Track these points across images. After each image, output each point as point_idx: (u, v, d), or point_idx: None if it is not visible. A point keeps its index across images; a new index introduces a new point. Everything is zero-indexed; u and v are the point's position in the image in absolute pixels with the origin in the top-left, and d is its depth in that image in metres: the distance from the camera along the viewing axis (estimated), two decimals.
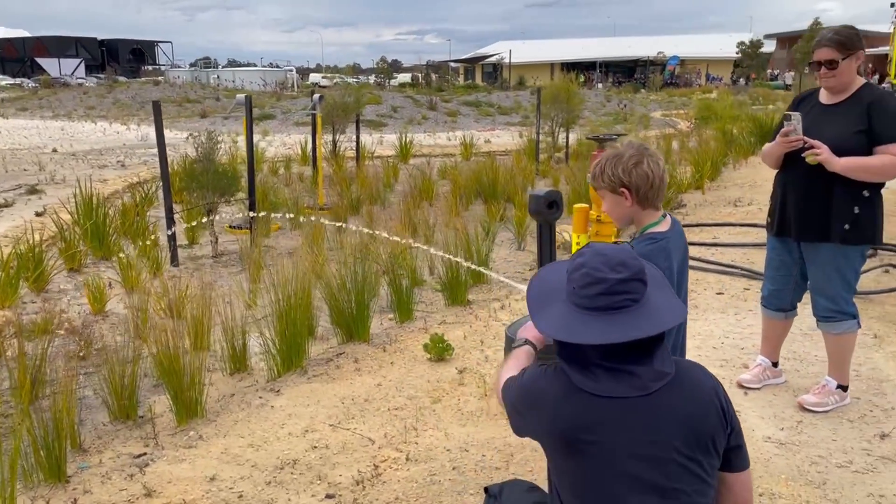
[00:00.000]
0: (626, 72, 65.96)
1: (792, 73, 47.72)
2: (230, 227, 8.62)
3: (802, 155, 3.35)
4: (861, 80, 3.41)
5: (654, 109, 29.81)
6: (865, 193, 3.35)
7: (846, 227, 3.35)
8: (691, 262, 6.20)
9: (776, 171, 3.67)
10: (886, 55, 60.71)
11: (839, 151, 3.29)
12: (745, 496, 1.78)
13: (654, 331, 1.64)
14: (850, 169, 3.28)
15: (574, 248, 3.87)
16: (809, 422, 3.45)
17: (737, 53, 60.77)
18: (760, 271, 5.86)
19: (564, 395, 1.67)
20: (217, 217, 7.66)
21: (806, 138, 3.35)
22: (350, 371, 4.31)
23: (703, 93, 45.22)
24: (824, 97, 3.48)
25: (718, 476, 1.74)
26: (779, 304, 3.77)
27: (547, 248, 3.65)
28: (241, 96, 7.85)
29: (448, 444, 3.31)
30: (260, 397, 3.99)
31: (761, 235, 7.21)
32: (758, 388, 3.81)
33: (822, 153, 3.29)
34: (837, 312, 3.48)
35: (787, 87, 42.71)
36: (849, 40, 3.33)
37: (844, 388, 3.61)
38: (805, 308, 3.78)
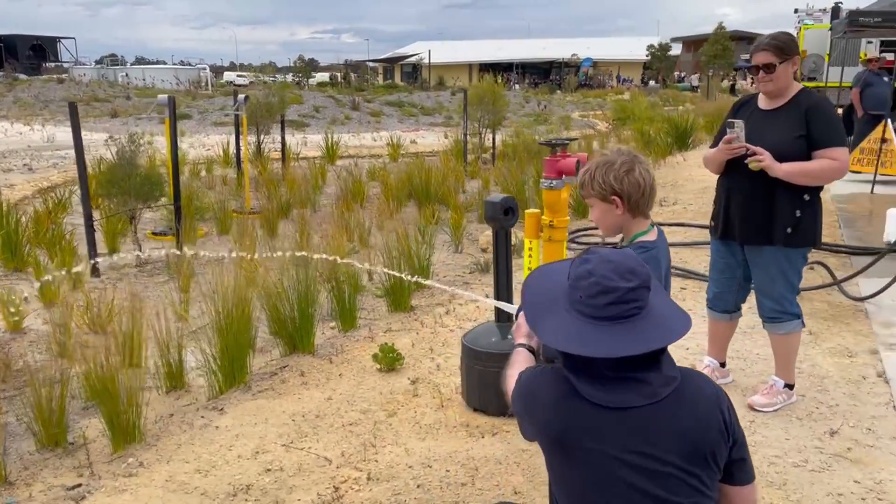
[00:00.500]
0: (542, 73, 67.16)
1: (697, 76, 49.65)
2: (153, 233, 8.22)
3: (745, 161, 3.41)
4: (798, 86, 3.50)
5: (572, 110, 30.41)
6: (806, 197, 3.44)
7: (788, 230, 3.43)
8: None
9: (718, 175, 3.73)
10: None
11: (780, 156, 3.36)
12: None
13: (667, 341, 1.61)
14: (792, 174, 3.35)
15: (526, 253, 3.81)
16: (762, 421, 3.52)
17: (647, 56, 62.82)
18: (694, 271, 6.03)
19: (560, 400, 1.64)
20: (138, 223, 7.28)
21: (748, 145, 3.41)
22: (297, 385, 4.13)
23: (615, 94, 46.51)
24: (763, 102, 3.55)
25: (720, 488, 1.71)
26: (724, 306, 3.83)
27: (503, 254, 3.59)
28: (162, 97, 7.49)
29: (409, 461, 3.20)
30: (202, 417, 3.77)
31: (690, 234, 7.42)
32: None
33: (764, 160, 3.35)
34: (782, 313, 3.56)
35: (693, 89, 44.36)
36: (786, 45, 3.42)
37: (791, 387, 3.70)
38: (744, 306, 3.86)
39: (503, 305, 2.79)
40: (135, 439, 3.52)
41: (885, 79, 11.24)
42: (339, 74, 56.37)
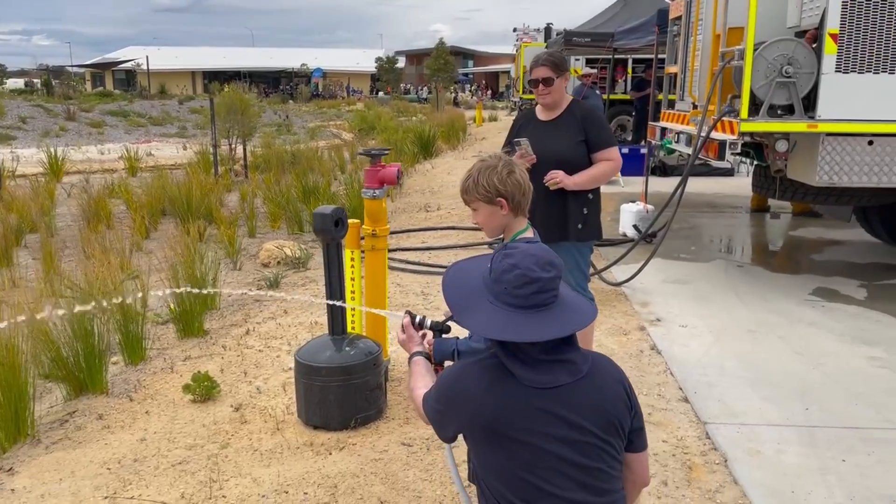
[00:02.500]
0: (271, 82, 66.06)
1: (426, 87, 52.47)
2: None
3: (546, 184, 3.74)
4: (570, 98, 3.95)
5: (310, 120, 30.40)
6: (590, 196, 3.89)
7: (579, 226, 3.85)
8: (418, 268, 6.51)
9: None
10: (496, 73, 70.03)
11: (566, 160, 3.77)
12: (644, 475, 1.96)
13: (586, 322, 1.77)
14: (581, 184, 3.77)
15: (347, 264, 3.79)
16: None
17: (375, 68, 64.82)
18: None
19: (489, 388, 1.73)
20: None
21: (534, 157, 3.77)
22: (97, 430, 3.68)
23: (348, 105, 47.43)
24: (542, 114, 3.95)
25: None
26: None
27: (335, 266, 3.53)
28: None
29: (261, 490, 3.03)
30: None
31: (463, 237, 7.87)
32: None
33: (559, 180, 3.73)
34: None
35: (421, 101, 46.80)
36: (561, 62, 3.86)
37: None
38: None
39: (388, 314, 2.75)
40: None
41: (598, 92, 12.88)
42: (37, 81, 50.24)
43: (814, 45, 5.26)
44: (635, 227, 7.52)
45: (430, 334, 2.39)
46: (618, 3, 14.12)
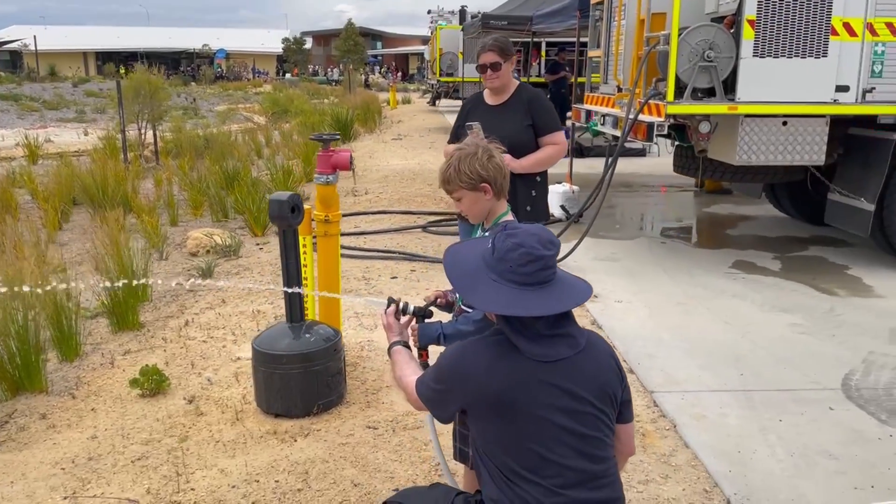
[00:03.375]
0: (172, 64, 63.48)
1: (338, 69, 51.64)
2: None
3: None
4: (517, 82, 4.04)
5: (217, 103, 29.47)
6: (538, 179, 3.99)
7: (528, 208, 3.96)
8: (355, 253, 6.49)
9: None
10: (406, 55, 69.68)
11: (515, 144, 3.84)
12: (630, 444, 2.08)
13: (585, 297, 1.88)
14: (528, 167, 3.87)
15: (301, 251, 3.75)
16: None
17: (282, 49, 63.26)
18: (417, 254, 6.46)
19: (494, 363, 1.81)
20: None
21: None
22: (42, 430, 3.53)
23: (254, 86, 46.16)
24: (489, 99, 4.02)
25: None
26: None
27: (292, 253, 3.49)
28: None
29: (230, 481, 3.00)
30: None
31: (395, 220, 7.88)
32: None
33: (508, 164, 3.80)
34: None
35: (331, 83, 46.09)
36: (507, 47, 3.93)
37: None
38: None
39: (373, 301, 2.74)
40: None
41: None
42: None
43: (732, 31, 5.54)
44: (562, 207, 7.74)
45: (412, 320, 2.43)
46: None
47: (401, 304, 2.38)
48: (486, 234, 2.39)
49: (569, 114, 12.27)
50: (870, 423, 3.48)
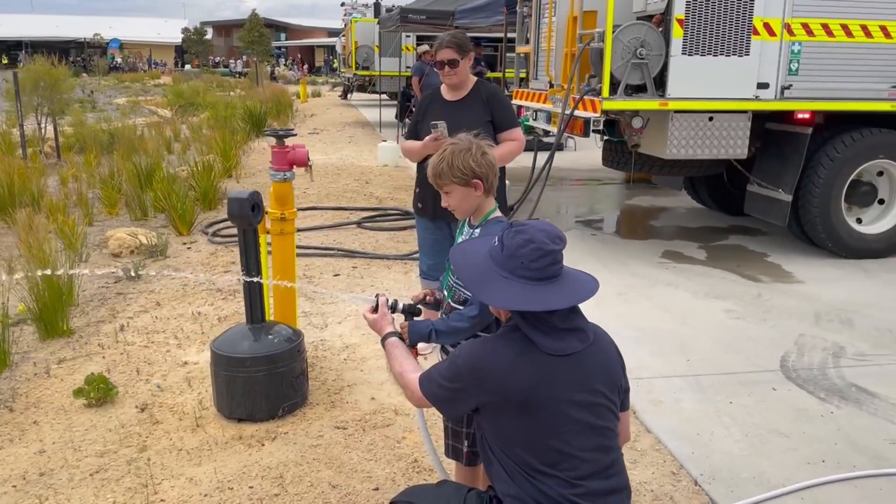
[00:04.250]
0: (59, 54, 60.02)
1: (242, 61, 50.13)
2: None
3: None
4: (474, 79, 4.06)
5: (114, 96, 28.14)
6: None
7: None
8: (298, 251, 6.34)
9: (417, 163, 4.11)
10: (311, 47, 68.51)
11: None
12: (627, 432, 2.14)
13: (594, 291, 1.92)
14: None
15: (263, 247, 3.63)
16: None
17: (181, 40, 60.92)
18: (356, 250, 6.38)
19: (515, 360, 1.83)
20: None
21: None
22: None
23: (152, 78, 44.26)
24: (448, 94, 4.03)
25: None
26: (438, 274, 4.25)
27: (252, 252, 3.37)
28: None
29: (202, 490, 2.89)
30: None
31: (328, 217, 7.77)
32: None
33: None
34: None
35: (236, 75, 44.77)
36: (464, 43, 3.94)
37: None
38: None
39: (353, 297, 2.68)
40: None
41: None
42: None
43: (660, 29, 5.75)
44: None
45: (400, 318, 2.41)
46: None
47: (389, 303, 2.36)
48: (475, 230, 2.40)
49: None
50: (811, 401, 3.71)
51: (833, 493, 2.93)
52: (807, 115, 5.94)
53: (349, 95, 27.43)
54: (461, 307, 2.39)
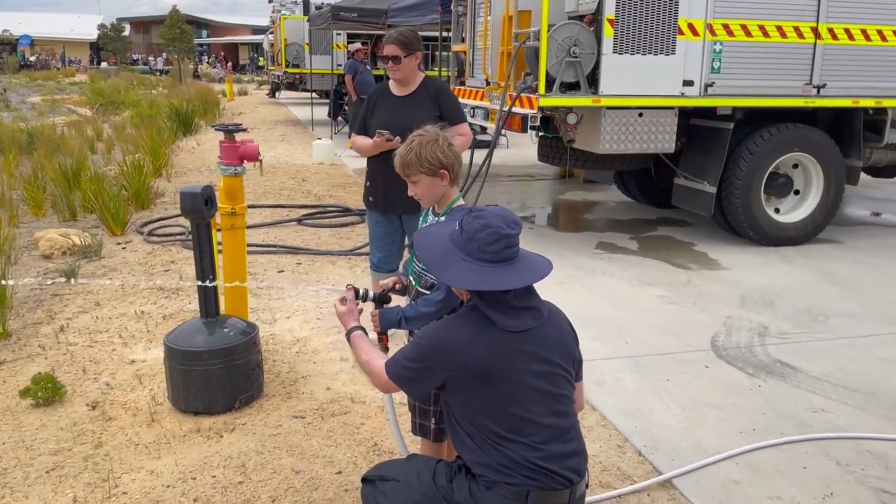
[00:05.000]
0: None
1: (163, 58, 48.64)
2: None
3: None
4: (422, 75, 4.17)
5: (28, 95, 26.96)
6: None
7: None
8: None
9: (368, 158, 4.19)
10: (235, 44, 67.04)
11: None
12: (581, 400, 2.29)
13: (548, 271, 2.07)
14: None
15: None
16: None
17: (97, 36, 58.71)
18: (298, 246, 6.39)
19: (476, 337, 1.97)
20: None
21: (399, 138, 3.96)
22: None
23: (66, 76, 42.53)
24: (396, 90, 4.13)
25: None
26: (388, 266, 4.35)
27: (206, 246, 3.38)
28: None
29: (164, 481, 2.90)
30: None
31: (267, 214, 7.73)
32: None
33: None
34: None
35: (158, 73, 43.51)
36: (409, 41, 4.05)
37: None
38: None
39: (330, 289, 2.74)
40: None
41: (368, 67, 13.14)
42: None
43: (591, 29, 5.99)
44: None
45: (370, 306, 2.50)
46: None
47: (361, 292, 2.45)
48: (440, 218, 2.51)
49: None
50: (740, 376, 3.97)
51: (764, 458, 3.17)
52: (728, 111, 6.29)
53: (277, 94, 27.09)
54: (428, 292, 2.50)
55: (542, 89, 5.81)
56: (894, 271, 5.98)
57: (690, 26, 6.00)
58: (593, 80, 5.99)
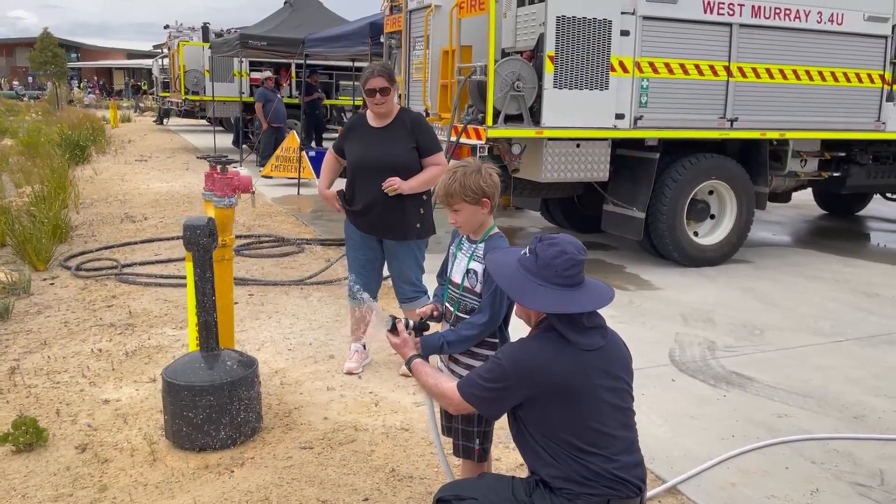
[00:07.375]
0: None
1: (30, 83, 45.65)
2: None
3: (385, 189, 4.05)
4: (398, 106, 4.29)
5: None
6: (424, 197, 4.28)
7: (417, 225, 4.23)
8: (180, 282, 6.11)
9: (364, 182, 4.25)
10: (109, 69, 64.05)
11: (402, 166, 4.11)
12: None
13: (613, 296, 2.24)
14: (416, 188, 4.14)
15: (188, 266, 3.55)
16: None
17: None
18: (259, 278, 6.26)
19: (557, 356, 2.12)
20: None
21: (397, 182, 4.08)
22: None
23: None
24: (373, 121, 4.21)
25: None
26: (369, 295, 4.39)
27: (210, 281, 3.30)
28: None
29: None
30: None
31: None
32: (361, 371, 4.37)
33: (397, 187, 4.05)
34: (419, 292, 4.34)
35: (24, 98, 40.88)
36: (392, 73, 4.18)
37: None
38: None
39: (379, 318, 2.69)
40: None
41: (279, 95, 13.04)
42: None
43: (531, 64, 6.31)
44: None
45: (411, 334, 2.58)
46: (284, 9, 14.34)
47: (403, 322, 2.52)
48: (478, 245, 2.62)
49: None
50: (705, 388, 4.29)
51: (748, 461, 3.46)
52: (654, 143, 6.76)
53: (165, 120, 26.18)
54: (467, 316, 2.60)
55: (489, 121, 6.04)
56: (805, 287, 6.60)
57: (621, 63, 6.44)
58: (533, 113, 6.30)
